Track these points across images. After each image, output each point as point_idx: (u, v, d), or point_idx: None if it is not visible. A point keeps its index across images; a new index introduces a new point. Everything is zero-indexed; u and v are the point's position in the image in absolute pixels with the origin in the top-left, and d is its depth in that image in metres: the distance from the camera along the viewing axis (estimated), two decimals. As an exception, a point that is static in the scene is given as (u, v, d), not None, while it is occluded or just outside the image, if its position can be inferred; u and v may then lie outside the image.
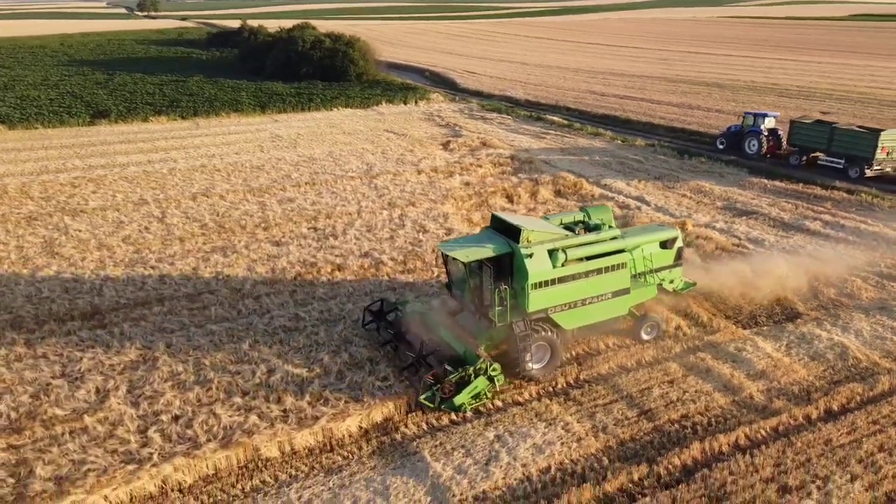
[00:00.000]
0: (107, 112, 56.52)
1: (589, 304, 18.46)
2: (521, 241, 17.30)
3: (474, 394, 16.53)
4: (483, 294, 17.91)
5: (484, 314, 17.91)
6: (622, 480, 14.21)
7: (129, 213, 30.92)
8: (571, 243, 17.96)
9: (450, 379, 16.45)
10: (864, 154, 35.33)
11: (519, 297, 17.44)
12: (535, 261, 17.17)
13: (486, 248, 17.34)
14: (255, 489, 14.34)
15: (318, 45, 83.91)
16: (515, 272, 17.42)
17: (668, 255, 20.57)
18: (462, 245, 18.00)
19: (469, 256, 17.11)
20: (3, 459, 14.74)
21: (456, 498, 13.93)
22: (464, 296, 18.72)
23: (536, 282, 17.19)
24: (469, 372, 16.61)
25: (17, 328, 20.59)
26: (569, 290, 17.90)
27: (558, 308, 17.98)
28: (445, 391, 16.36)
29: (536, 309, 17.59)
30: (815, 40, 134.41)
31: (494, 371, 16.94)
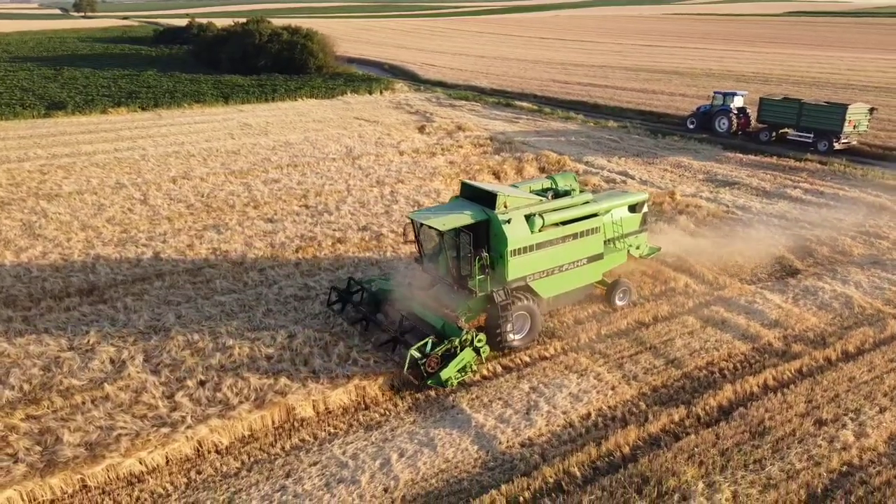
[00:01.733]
0: (63, 104, 54.41)
1: (566, 270, 18.11)
2: (498, 206, 16.74)
3: (460, 367, 15.82)
4: (460, 264, 17.03)
5: (462, 285, 17.09)
6: (664, 422, 14.36)
7: (108, 196, 29.81)
8: (548, 208, 17.54)
9: (436, 352, 15.60)
10: (833, 128, 36.61)
11: (497, 265, 16.86)
12: (514, 227, 16.61)
13: (463, 216, 16.56)
14: (296, 447, 13.97)
15: (275, 37, 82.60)
16: (493, 239, 16.83)
17: (635, 220, 20.52)
18: (436, 214, 17.08)
19: (446, 225, 16.20)
20: (25, 429, 13.99)
21: (503, 445, 13.86)
22: (438, 268, 17.85)
23: (515, 248, 16.65)
24: (455, 344, 15.82)
25: (12, 306, 19.63)
26: (546, 257, 17.47)
27: (537, 275, 17.50)
28: (431, 365, 15.52)
29: (516, 277, 17.02)
30: (757, 33, 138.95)
31: (480, 342, 16.31)
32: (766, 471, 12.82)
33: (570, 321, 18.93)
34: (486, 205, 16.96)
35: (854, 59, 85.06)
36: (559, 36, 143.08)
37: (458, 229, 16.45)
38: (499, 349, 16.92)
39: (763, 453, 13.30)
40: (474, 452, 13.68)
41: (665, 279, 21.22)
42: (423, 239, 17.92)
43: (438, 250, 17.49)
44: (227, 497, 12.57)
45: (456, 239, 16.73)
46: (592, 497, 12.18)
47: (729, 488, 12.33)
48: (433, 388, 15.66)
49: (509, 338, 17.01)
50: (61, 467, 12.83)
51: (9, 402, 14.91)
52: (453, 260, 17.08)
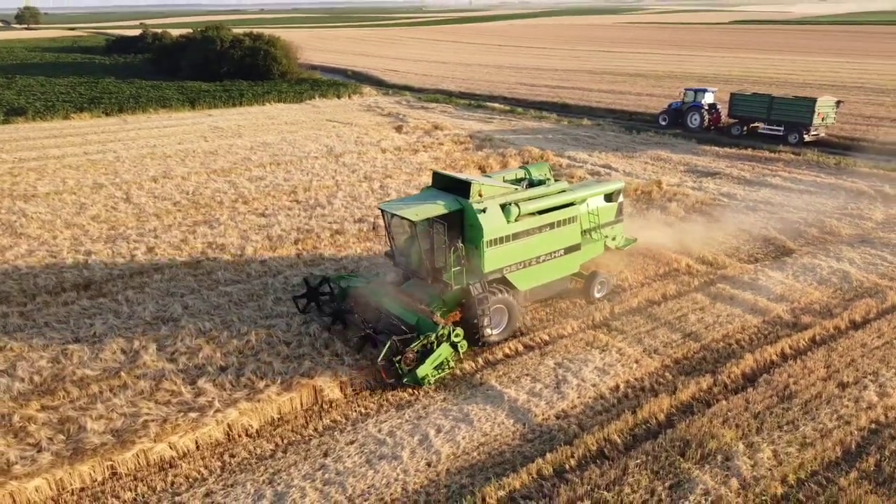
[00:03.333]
0: (22, 110, 52.62)
1: (543, 261, 17.47)
2: (472, 195, 16.07)
3: (438, 363, 15.01)
4: (434, 256, 16.18)
5: (437, 278, 16.20)
6: (692, 390, 14.54)
7: (88, 196, 28.91)
8: (523, 197, 16.96)
9: (412, 348, 14.78)
10: (803, 120, 37.82)
11: (472, 256, 16.13)
12: (489, 216, 15.93)
13: (436, 205, 15.80)
14: (329, 428, 13.70)
15: (237, 44, 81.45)
16: (467, 230, 16.13)
17: (611, 210, 20.02)
18: (407, 204, 16.29)
19: (419, 215, 15.42)
20: (44, 419, 13.41)
21: (538, 418, 13.83)
22: (411, 262, 16.92)
23: (491, 238, 15.96)
24: (431, 339, 15.01)
25: (6, 302, 18.83)
26: (523, 247, 16.83)
27: (513, 267, 16.83)
28: (407, 362, 14.74)
29: (492, 269, 16.32)
30: (707, 40, 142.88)
31: (457, 337, 15.47)
32: (800, 431, 13.07)
33: (581, 301, 19.03)
34: (459, 194, 16.27)
35: (805, 61, 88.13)
36: (516, 43, 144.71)
37: (431, 219, 15.67)
38: (476, 345, 16.20)
39: (794, 415, 13.57)
40: (511, 426, 13.62)
41: (667, 261, 21.54)
42: (395, 231, 16.97)
43: (411, 243, 16.65)
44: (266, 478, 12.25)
45: (429, 230, 15.90)
46: (638, 462, 12.24)
47: (769, 447, 12.54)
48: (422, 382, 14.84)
49: (487, 332, 16.29)
50: (89, 454, 12.32)
51: (21, 394, 14.29)
52: (427, 252, 16.17)
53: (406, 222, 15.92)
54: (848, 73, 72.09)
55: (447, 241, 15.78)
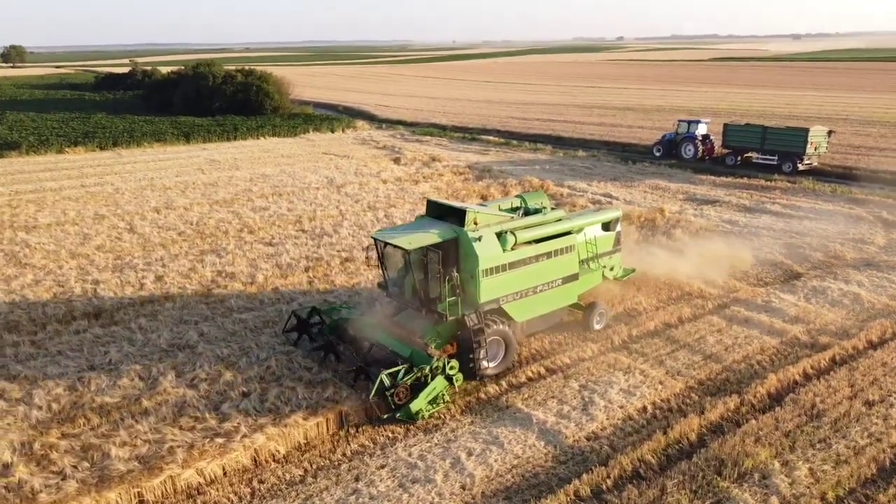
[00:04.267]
0: (16, 144, 52.31)
1: (540, 292, 16.97)
2: (467, 223, 15.64)
3: (432, 397, 14.46)
4: (429, 286, 15.83)
5: (431, 309, 15.81)
6: (720, 410, 14.50)
7: (91, 227, 28.66)
8: (520, 225, 16.64)
9: (405, 382, 14.27)
10: (796, 149, 38.53)
11: (468, 286, 15.67)
12: (485, 244, 15.51)
13: (430, 234, 15.42)
14: (357, 452, 13.47)
15: (229, 79, 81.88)
16: (463, 259, 15.65)
17: (609, 240, 19.62)
18: (401, 233, 15.97)
19: (413, 243, 15.06)
20: (66, 447, 13.09)
21: (569, 440, 13.71)
22: (404, 292, 16.54)
23: (487, 267, 15.50)
24: (425, 372, 14.51)
25: (15, 331, 18.50)
26: (520, 277, 16.36)
27: (510, 297, 16.30)
28: (400, 396, 14.22)
29: (488, 299, 15.81)
30: (688, 76, 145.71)
31: (452, 369, 14.96)
32: (833, 448, 13.06)
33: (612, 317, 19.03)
34: (454, 222, 15.89)
35: (788, 95, 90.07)
36: (503, 80, 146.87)
37: (425, 248, 15.34)
38: (472, 378, 15.55)
39: (825, 433, 13.56)
40: (542, 448, 13.48)
41: (679, 285, 21.65)
42: (388, 261, 16.61)
43: (404, 272, 16.27)
44: None
45: (423, 258, 15.56)
46: (675, 481, 12.13)
47: (804, 465, 12.50)
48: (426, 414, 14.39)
49: (483, 365, 15.68)
50: (116, 482, 12.00)
51: (40, 422, 13.96)
52: (421, 282, 15.83)
53: (399, 251, 15.54)
54: (832, 106, 73.72)
55: (442, 270, 15.32)
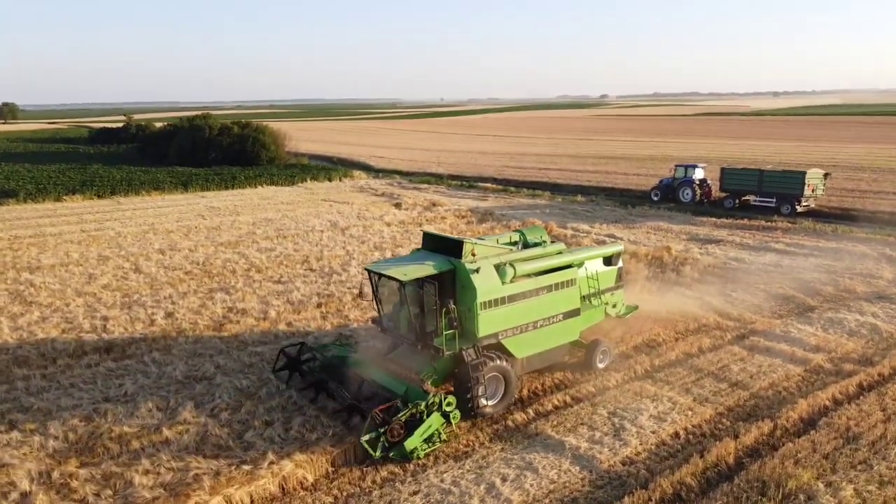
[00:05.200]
0: (13, 192, 52.24)
1: (541, 327, 16.32)
2: (465, 255, 15.18)
3: (427, 435, 13.71)
4: (425, 319, 15.20)
5: (427, 344, 15.09)
6: (755, 434, 14.24)
7: (96, 267, 28.35)
8: (519, 257, 16.18)
9: (399, 418, 13.45)
10: (795, 192, 39.09)
11: (466, 320, 15.04)
12: (483, 276, 14.97)
13: (426, 266, 14.93)
14: (387, 480, 13.04)
15: (226, 131, 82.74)
16: (460, 291, 15.10)
17: (611, 276, 19.05)
18: (395, 265, 15.48)
19: (408, 275, 14.55)
20: (86, 476, 12.59)
21: (604, 464, 13.37)
22: (399, 327, 15.92)
23: (485, 300, 14.92)
24: (421, 409, 13.75)
25: (25, 365, 18.05)
26: (519, 311, 15.74)
27: (509, 332, 15.66)
28: (394, 434, 13.35)
29: (487, 333, 15.19)
30: (679, 129, 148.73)
31: (449, 406, 14.24)
32: (874, 469, 12.82)
33: (617, 355, 18.82)
34: (451, 255, 15.42)
35: (776, 145, 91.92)
36: (494, 133, 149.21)
37: (420, 280, 14.77)
38: (469, 416, 14.88)
39: (864, 455, 13.33)
40: (577, 473, 13.13)
41: (695, 317, 21.56)
42: (382, 294, 16.03)
43: (399, 306, 15.72)
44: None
45: (419, 291, 14.94)
46: (719, 503, 11.81)
47: (849, 486, 12.23)
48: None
49: (481, 403, 14.99)
50: (143, 509, 11.52)
51: (57, 452, 13.48)
52: (416, 316, 15.16)
53: (394, 283, 15.04)
54: (820, 155, 75.20)
55: (438, 302, 14.78)
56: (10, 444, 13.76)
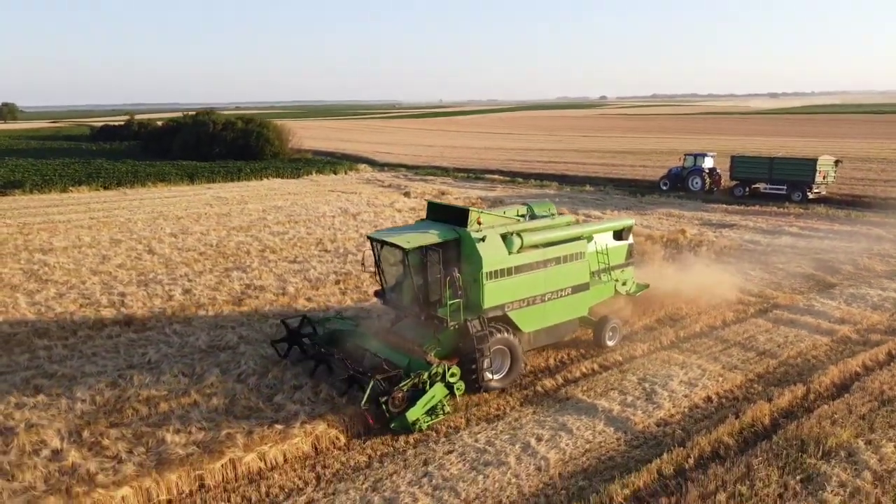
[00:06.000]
0: (20, 183, 52.06)
1: (549, 300, 15.85)
2: (470, 223, 14.75)
3: (430, 406, 13.28)
4: (428, 289, 14.80)
5: (431, 315, 14.74)
6: (789, 398, 14.11)
7: (108, 249, 28.20)
8: (526, 227, 15.65)
9: (401, 387, 13.03)
10: (806, 179, 38.95)
11: (471, 290, 14.64)
12: (488, 246, 14.53)
13: (429, 234, 14.50)
14: (420, 441, 12.91)
15: (230, 125, 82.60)
16: (465, 261, 14.65)
17: (621, 252, 18.58)
18: (399, 233, 14.99)
19: (411, 243, 14.13)
20: (116, 435, 12.45)
21: (638, 426, 13.25)
22: (402, 298, 15.50)
23: (491, 270, 14.48)
24: (423, 378, 13.27)
25: (44, 336, 17.91)
26: (526, 283, 15.29)
27: (516, 304, 15.22)
28: (395, 403, 12.96)
29: (492, 304, 14.74)
30: (681, 127, 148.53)
31: (453, 376, 13.76)
32: (913, 429, 12.67)
33: (641, 328, 18.71)
34: (456, 224, 15.03)
35: (780, 141, 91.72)
36: (496, 131, 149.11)
37: (424, 248, 14.38)
38: (474, 390, 14.40)
39: (902, 415, 13.19)
40: (612, 433, 13.00)
41: (717, 292, 21.41)
42: (385, 264, 15.66)
43: (402, 276, 15.25)
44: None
45: (423, 260, 14.55)
46: (759, 459, 11.66)
47: (889, 444, 12.08)
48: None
49: (486, 376, 14.56)
50: (177, 464, 11.36)
51: (85, 413, 13.32)
52: (420, 286, 14.74)
53: (397, 251, 14.58)
54: (825, 149, 74.90)
55: (442, 272, 14.39)
56: (36, 406, 13.62)
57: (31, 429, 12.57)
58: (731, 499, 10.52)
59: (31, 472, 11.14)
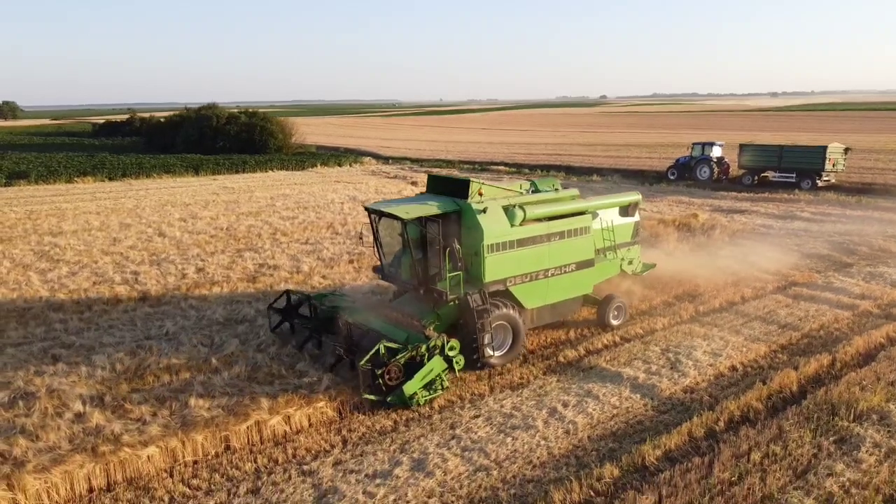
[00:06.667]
0: (25, 173, 51.94)
1: (552, 276, 15.36)
2: (471, 195, 14.28)
3: (428, 380, 12.75)
4: (427, 262, 14.42)
5: (430, 288, 14.30)
6: (815, 366, 13.95)
7: (118, 232, 28.07)
8: (529, 200, 15.14)
9: (397, 360, 12.58)
10: (815, 166, 38.81)
11: (472, 264, 14.26)
12: (490, 218, 14.07)
13: (429, 205, 14.01)
14: (445, 407, 12.78)
15: (233, 120, 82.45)
16: (465, 234, 14.19)
17: (628, 230, 18.03)
18: (397, 204, 14.56)
19: (410, 213, 13.63)
20: (139, 399, 12.32)
21: (665, 392, 13.12)
22: (401, 273, 15.11)
23: (492, 243, 14.01)
24: (421, 351, 12.80)
25: (59, 311, 17.75)
26: (529, 257, 14.82)
27: (518, 279, 14.75)
28: (392, 376, 12.51)
29: (494, 279, 14.28)
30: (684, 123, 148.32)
31: (452, 350, 13.26)
32: (944, 394, 12.53)
33: (659, 303, 18.58)
34: (457, 196, 14.53)
35: (786, 135, 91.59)
36: (499, 127, 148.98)
37: (424, 219, 13.95)
38: (474, 367, 13.94)
39: (931, 382, 13.05)
40: (639, 399, 12.87)
41: (733, 271, 21.30)
42: (383, 236, 15.27)
43: (401, 248, 14.91)
44: None
45: (422, 232, 14.20)
46: (791, 422, 11.53)
47: (922, 407, 11.95)
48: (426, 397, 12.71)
49: (487, 352, 14.10)
50: (202, 426, 11.22)
51: (106, 380, 13.17)
52: (419, 260, 14.35)
53: (396, 223, 14.21)
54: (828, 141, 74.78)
55: (442, 243, 13.93)
56: (56, 373, 13.49)
57: (52, 393, 12.45)
58: (766, 458, 10.38)
59: (54, 433, 11.00)
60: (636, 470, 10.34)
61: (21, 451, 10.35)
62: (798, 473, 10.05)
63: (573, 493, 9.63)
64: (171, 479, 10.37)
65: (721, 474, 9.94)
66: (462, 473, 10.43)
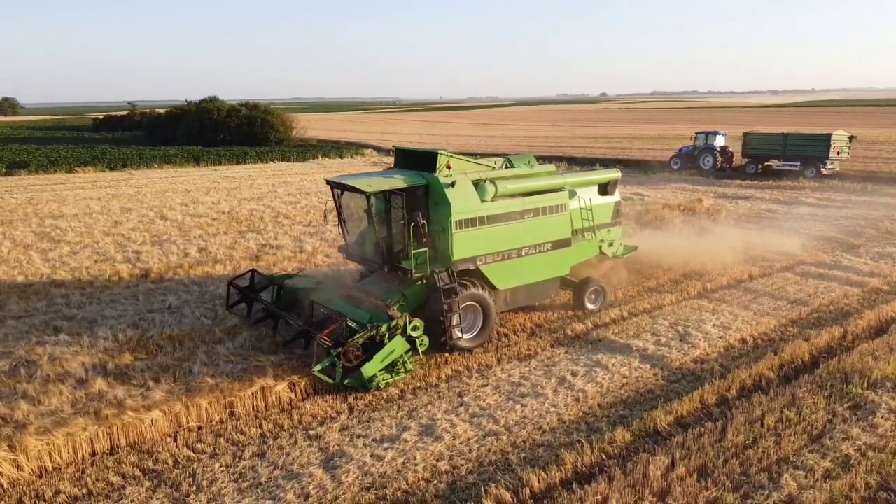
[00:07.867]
0: (25, 163, 51.72)
1: (526, 255, 14.55)
2: (439, 167, 13.51)
3: (389, 361, 12.02)
4: (392, 240, 13.69)
5: (395, 266, 13.57)
6: (826, 339, 13.78)
7: (119, 216, 27.88)
8: (501, 175, 14.34)
9: (355, 340, 11.73)
10: (820, 154, 38.57)
11: (439, 241, 13.45)
12: (459, 192, 13.26)
13: (394, 179, 13.21)
14: (451, 377, 12.62)
15: (234, 113, 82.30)
16: (433, 209, 13.42)
17: (608, 210, 17.08)
18: (361, 178, 13.76)
19: (373, 186, 12.89)
20: (141, 367, 12.15)
21: (675, 363, 12.96)
22: (364, 250, 14.50)
23: (461, 219, 13.20)
24: (382, 331, 12.01)
25: (62, 286, 17.58)
26: (501, 235, 14.00)
27: (489, 258, 13.94)
28: (349, 358, 11.69)
29: (463, 256, 13.45)
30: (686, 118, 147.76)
31: (416, 330, 12.51)
32: (958, 364, 12.35)
33: (666, 281, 18.41)
34: (425, 170, 13.80)
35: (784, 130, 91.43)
36: (500, 122, 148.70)
37: (388, 192, 13.12)
38: (441, 348, 13.23)
39: (945, 353, 12.87)
40: (649, 370, 12.70)
41: (740, 249, 21.12)
42: (346, 212, 14.59)
43: (365, 224, 14.30)
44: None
45: (386, 204, 13.38)
46: (804, 389, 11.36)
47: (936, 375, 11.78)
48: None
49: (455, 334, 13.28)
50: (206, 392, 11.05)
51: (108, 349, 12.99)
52: (384, 237, 13.66)
53: (359, 196, 13.58)
54: (832, 135, 74.67)
55: (407, 218, 13.14)
56: (58, 343, 13.29)
57: (54, 361, 12.27)
58: (780, 423, 10.20)
59: (56, 398, 10.83)
60: (648, 435, 10.18)
61: (23, 415, 10.18)
62: (813, 437, 9.88)
63: (585, 455, 9.46)
64: (175, 444, 10.23)
65: (735, 438, 9.77)
66: (471, 438, 10.27)
